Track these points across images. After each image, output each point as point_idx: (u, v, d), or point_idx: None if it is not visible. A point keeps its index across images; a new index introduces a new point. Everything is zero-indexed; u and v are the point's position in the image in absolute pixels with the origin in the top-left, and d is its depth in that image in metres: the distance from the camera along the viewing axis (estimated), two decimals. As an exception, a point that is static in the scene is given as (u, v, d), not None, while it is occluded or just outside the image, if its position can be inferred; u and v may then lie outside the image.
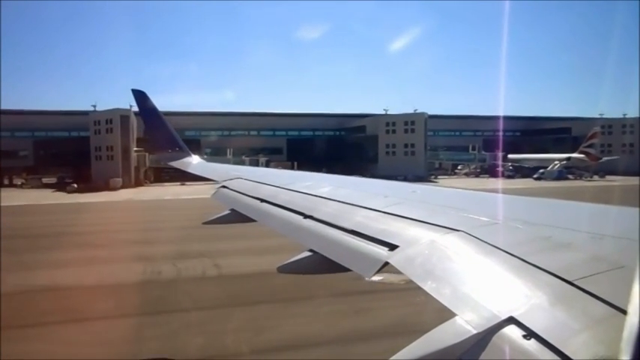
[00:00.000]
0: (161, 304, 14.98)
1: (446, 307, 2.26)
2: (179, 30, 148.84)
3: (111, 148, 72.24)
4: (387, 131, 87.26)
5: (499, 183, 70.25)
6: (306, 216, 4.60)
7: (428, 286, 2.50)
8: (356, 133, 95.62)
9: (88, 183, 67.89)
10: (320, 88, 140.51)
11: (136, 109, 74.08)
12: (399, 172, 71.85)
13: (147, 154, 75.94)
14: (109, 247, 24.22)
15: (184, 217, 29.22)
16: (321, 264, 3.74)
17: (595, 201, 3.84)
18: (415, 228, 3.37)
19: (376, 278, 15.31)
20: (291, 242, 4.48)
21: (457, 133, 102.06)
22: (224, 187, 7.66)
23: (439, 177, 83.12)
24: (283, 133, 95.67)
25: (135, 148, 75.96)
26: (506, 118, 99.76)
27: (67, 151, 77.82)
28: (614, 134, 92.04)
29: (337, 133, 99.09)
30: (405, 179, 62.09)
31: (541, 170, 72.32)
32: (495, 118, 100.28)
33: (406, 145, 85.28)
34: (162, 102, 60.05)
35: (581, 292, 1.96)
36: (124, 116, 70.99)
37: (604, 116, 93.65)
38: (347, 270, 3.41)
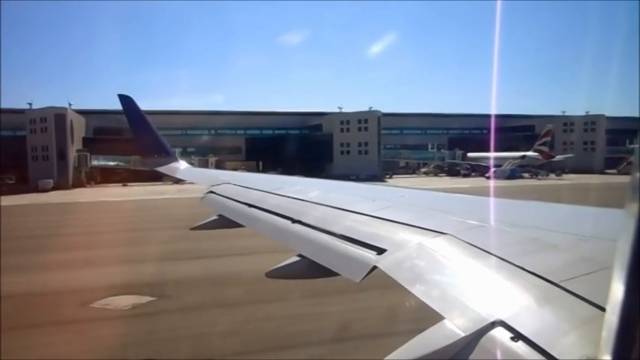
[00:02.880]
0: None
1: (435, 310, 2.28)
2: (163, 34, 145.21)
3: (46, 148, 69.06)
4: (342, 130, 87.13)
5: (446, 182, 68.60)
6: (294, 220, 4.61)
7: (416, 290, 2.53)
8: (314, 132, 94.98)
9: (25, 184, 65.07)
10: (303, 90, 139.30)
11: (75, 107, 73.30)
12: (353, 171, 70.62)
13: (88, 154, 73.58)
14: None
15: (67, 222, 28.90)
16: (310, 269, 3.73)
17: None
18: (403, 231, 3.41)
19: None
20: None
21: (423, 132, 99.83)
22: (212, 192, 7.59)
23: (399, 176, 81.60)
24: (242, 132, 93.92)
25: (77, 149, 73.01)
26: (474, 116, 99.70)
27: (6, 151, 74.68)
28: (576, 132, 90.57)
29: (298, 132, 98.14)
30: (358, 179, 60.24)
31: (493, 169, 70.34)
32: (463, 116, 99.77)
33: (360, 144, 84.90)
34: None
35: (567, 294, 2.01)
36: (58, 115, 68.10)
37: (566, 113, 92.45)
38: (336, 274, 3.43)
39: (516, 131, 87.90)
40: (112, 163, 77.05)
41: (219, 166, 70.64)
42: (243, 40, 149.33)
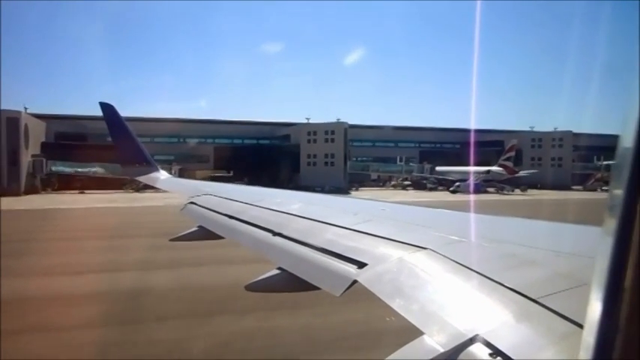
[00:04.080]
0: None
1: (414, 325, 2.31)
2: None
3: (-5, 153, 66.94)
4: (309, 141, 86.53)
5: (408, 195, 67.82)
6: (275, 233, 4.59)
7: (396, 305, 2.55)
8: (282, 142, 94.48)
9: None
10: (281, 100, 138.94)
11: (31, 111, 71.28)
12: (319, 182, 69.61)
13: (44, 159, 71.60)
14: None
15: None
16: (290, 282, 3.73)
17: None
18: (384, 246, 3.42)
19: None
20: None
21: (395, 144, 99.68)
22: (192, 203, 7.54)
23: (365, 188, 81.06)
24: (211, 140, 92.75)
25: (32, 154, 70.87)
26: (446, 130, 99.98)
27: None
28: (544, 148, 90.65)
29: (268, 141, 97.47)
30: (323, 190, 59.21)
31: (457, 183, 70.43)
32: (435, 129, 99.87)
33: (326, 156, 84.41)
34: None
35: (545, 310, 2.03)
36: (10, 118, 65.91)
37: (535, 129, 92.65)
38: (316, 288, 3.44)
39: (486, 146, 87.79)
40: (68, 169, 74.97)
41: (182, 174, 69.04)
42: (221, 49, 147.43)
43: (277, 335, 11.62)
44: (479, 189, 71.86)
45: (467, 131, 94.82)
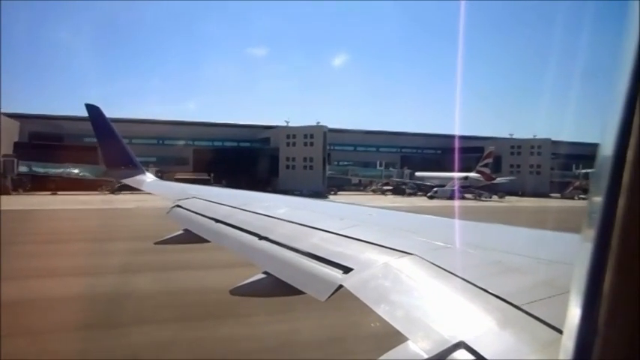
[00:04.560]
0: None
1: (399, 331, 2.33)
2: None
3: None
4: (288, 144, 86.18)
5: (384, 200, 67.61)
6: (261, 237, 4.58)
7: (381, 310, 2.56)
8: (262, 145, 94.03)
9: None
10: (268, 103, 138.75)
11: (5, 110, 69.32)
12: (297, 186, 68.92)
13: (16, 160, 69.69)
14: None
15: None
16: (276, 286, 3.72)
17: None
18: (370, 251, 3.43)
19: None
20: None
21: (376, 149, 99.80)
22: (178, 206, 7.41)
23: (344, 193, 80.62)
24: (191, 142, 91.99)
25: (3, 154, 68.90)
26: (427, 136, 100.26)
27: None
28: (523, 155, 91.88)
29: (249, 144, 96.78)
30: (301, 194, 58.28)
31: (435, 189, 70.42)
32: (417, 135, 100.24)
33: (305, 159, 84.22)
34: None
35: (528, 317, 2.05)
36: (-23, 118, 63.90)
37: (514, 136, 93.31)
38: (301, 293, 3.44)
39: (468, 152, 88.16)
40: (41, 170, 73.09)
41: (160, 177, 67.08)
42: (205, 52, 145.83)
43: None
44: (456, 195, 71.80)
45: (448, 137, 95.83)
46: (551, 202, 67.15)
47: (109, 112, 13.64)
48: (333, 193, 78.40)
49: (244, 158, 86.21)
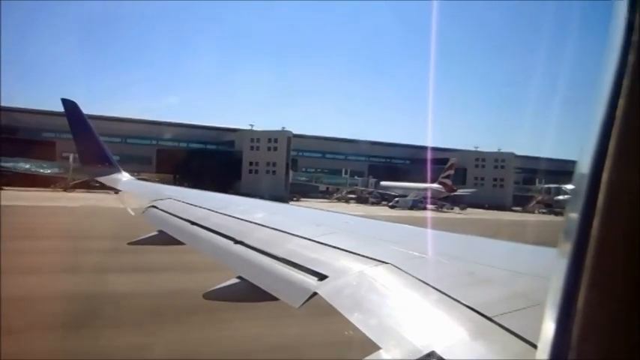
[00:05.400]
0: None
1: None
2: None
3: None
4: (252, 148, 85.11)
5: (344, 208, 66.87)
6: (236, 241, 4.54)
7: (354, 319, 2.58)
8: (226, 148, 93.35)
9: None
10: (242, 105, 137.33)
11: None
12: (259, 190, 67.66)
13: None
14: None
15: None
16: (250, 292, 3.69)
17: None
18: (345, 258, 3.44)
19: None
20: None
21: (345, 157, 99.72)
22: (154, 206, 7.33)
23: (308, 200, 79.57)
24: (155, 142, 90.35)
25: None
26: (396, 146, 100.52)
27: None
28: (487, 168, 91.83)
29: (215, 147, 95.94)
30: (262, 199, 56.52)
31: (396, 199, 70.55)
32: (385, 144, 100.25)
33: (268, 164, 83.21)
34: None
35: (500, 329, 2.05)
36: None
37: (478, 149, 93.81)
38: (275, 299, 3.43)
39: (436, 163, 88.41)
40: None
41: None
42: (176, 51, 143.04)
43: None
44: (417, 205, 71.97)
45: (418, 148, 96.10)
46: (509, 216, 67.37)
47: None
48: (295, 199, 77.35)
49: (208, 160, 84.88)
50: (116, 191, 11.03)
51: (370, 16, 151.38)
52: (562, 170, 66.67)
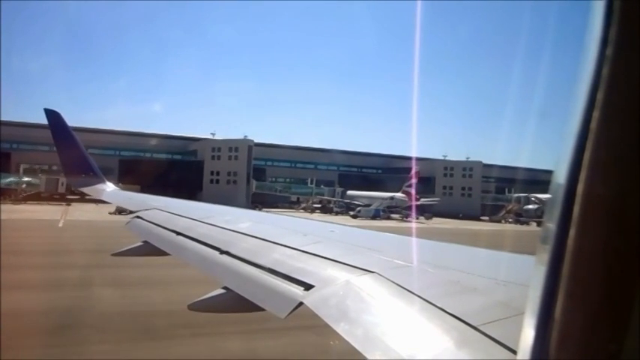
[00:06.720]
0: None
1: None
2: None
3: None
4: (213, 157, 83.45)
5: (310, 218, 64.92)
6: (222, 251, 4.50)
7: (340, 328, 2.56)
8: (189, 158, 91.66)
9: None
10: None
11: None
12: (221, 201, 64.27)
13: None
14: None
15: None
16: (235, 302, 3.63)
17: None
18: (331, 268, 3.43)
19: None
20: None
21: (314, 166, 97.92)
22: (138, 217, 7.26)
23: (271, 210, 77.34)
24: (117, 152, 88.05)
25: None
26: (366, 155, 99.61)
27: None
28: (455, 177, 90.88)
29: (180, 156, 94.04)
30: None
31: (358, 208, 69.38)
32: (354, 154, 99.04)
33: (229, 173, 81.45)
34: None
35: (485, 337, 2.06)
36: None
37: (447, 158, 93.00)
38: (261, 309, 3.38)
39: (402, 172, 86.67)
40: None
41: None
42: (147, 59, 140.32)
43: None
44: (378, 214, 70.99)
45: (388, 157, 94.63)
46: (473, 225, 65.98)
47: (29, 116, 11.86)
48: (257, 209, 75.12)
49: (170, 170, 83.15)
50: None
51: (342, 26, 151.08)
52: (536, 180, 65.90)
